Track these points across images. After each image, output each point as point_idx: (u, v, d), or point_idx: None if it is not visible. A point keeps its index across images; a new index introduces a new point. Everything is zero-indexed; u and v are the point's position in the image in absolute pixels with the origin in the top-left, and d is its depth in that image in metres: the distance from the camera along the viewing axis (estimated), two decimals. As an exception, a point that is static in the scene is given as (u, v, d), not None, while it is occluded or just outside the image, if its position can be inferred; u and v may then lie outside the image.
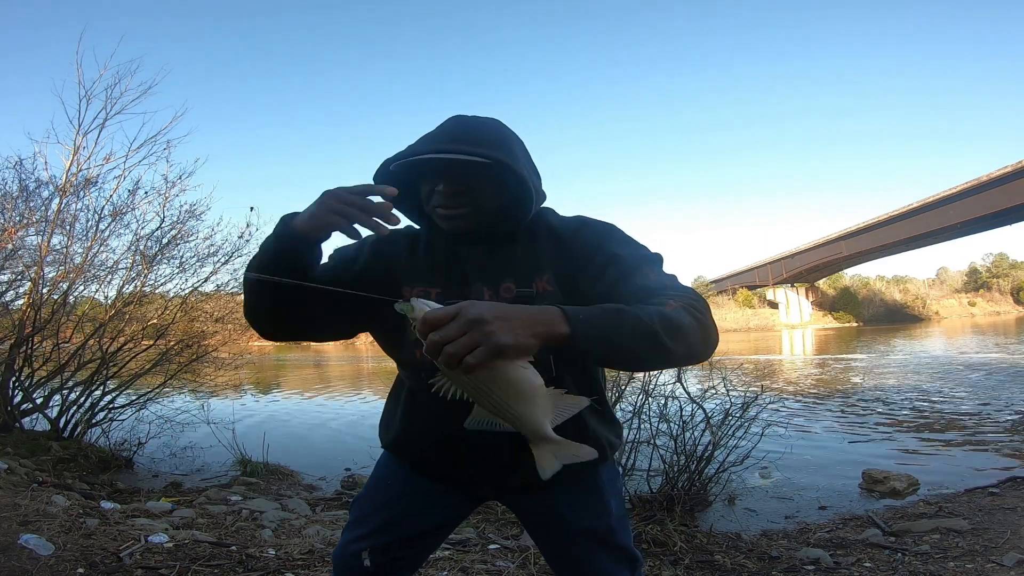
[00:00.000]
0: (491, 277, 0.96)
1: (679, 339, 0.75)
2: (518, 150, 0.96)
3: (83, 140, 5.68)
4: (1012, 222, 30.50)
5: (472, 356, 0.63)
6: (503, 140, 0.94)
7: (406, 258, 1.01)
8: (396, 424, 1.09)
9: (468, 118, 0.97)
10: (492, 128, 0.96)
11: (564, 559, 1.10)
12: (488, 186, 0.93)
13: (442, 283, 0.98)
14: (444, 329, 0.63)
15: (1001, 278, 59.14)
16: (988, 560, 2.52)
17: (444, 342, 0.63)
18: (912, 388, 9.53)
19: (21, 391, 5.47)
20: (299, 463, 5.35)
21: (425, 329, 0.65)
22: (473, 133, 0.93)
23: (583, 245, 0.95)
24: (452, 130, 0.94)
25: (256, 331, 0.98)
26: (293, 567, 2.32)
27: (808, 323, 46.57)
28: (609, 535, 1.06)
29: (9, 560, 2.05)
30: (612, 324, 0.72)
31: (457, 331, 0.63)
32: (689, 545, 2.76)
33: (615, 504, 1.09)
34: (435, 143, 0.91)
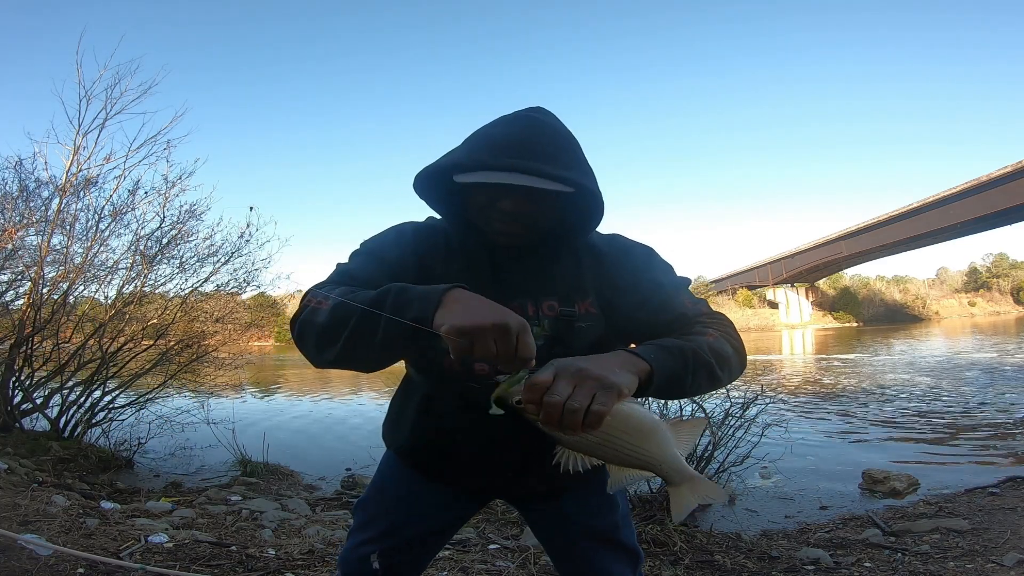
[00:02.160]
0: (534, 293, 0.94)
1: (726, 368, 0.82)
2: (586, 161, 0.91)
3: (83, 140, 5.68)
4: (1012, 222, 30.46)
5: (596, 404, 0.62)
6: (576, 153, 0.89)
7: (443, 263, 0.95)
8: (407, 428, 1.06)
9: (537, 123, 0.89)
10: (562, 138, 0.89)
11: (568, 558, 1.09)
12: (554, 207, 0.89)
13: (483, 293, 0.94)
14: (555, 389, 0.61)
15: (1001, 278, 59.14)
16: (988, 560, 2.52)
17: (563, 399, 0.61)
18: (912, 388, 9.53)
19: (21, 391, 5.46)
20: (299, 463, 5.35)
21: (535, 395, 0.62)
22: (549, 147, 0.85)
23: (628, 272, 0.96)
24: (525, 142, 0.85)
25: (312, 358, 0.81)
26: (293, 567, 2.32)
27: (808, 323, 46.57)
28: (614, 532, 1.07)
29: (9, 560, 2.04)
30: (679, 360, 0.77)
31: (567, 387, 0.62)
32: (689, 545, 2.76)
33: (621, 501, 1.10)
34: (509, 155, 0.83)
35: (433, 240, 0.98)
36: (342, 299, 0.74)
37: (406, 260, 0.94)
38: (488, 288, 0.88)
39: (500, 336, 0.65)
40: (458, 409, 0.96)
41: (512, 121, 0.90)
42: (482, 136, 0.89)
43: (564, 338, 0.91)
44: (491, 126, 0.91)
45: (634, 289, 0.94)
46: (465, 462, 1.02)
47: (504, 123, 0.90)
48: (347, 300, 0.73)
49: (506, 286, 0.93)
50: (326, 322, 0.75)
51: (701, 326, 0.86)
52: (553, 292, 0.94)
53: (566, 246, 0.97)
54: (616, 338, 0.96)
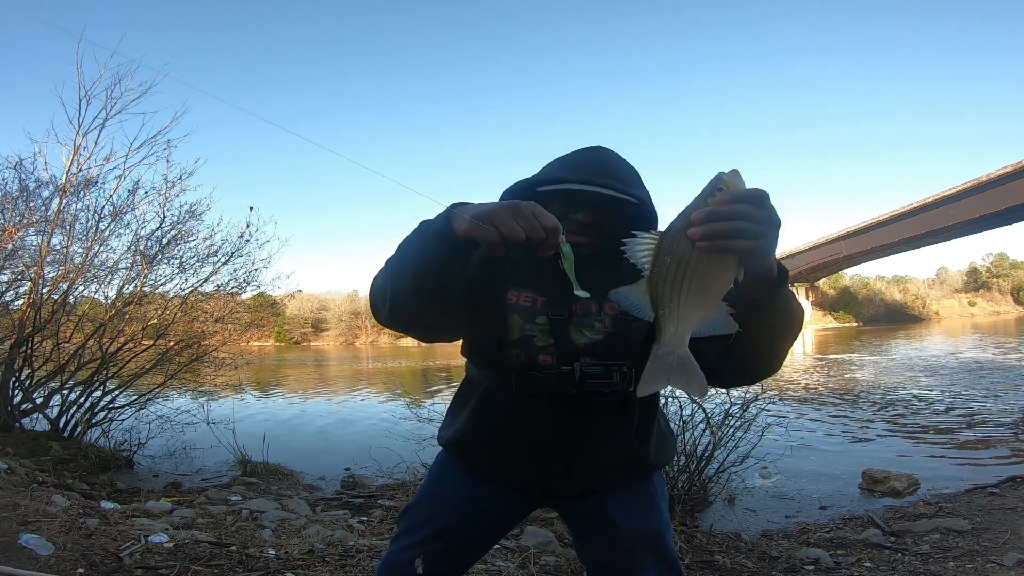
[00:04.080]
0: (597, 294, 0.96)
1: (800, 321, 0.85)
2: (645, 188, 1.04)
3: (83, 140, 5.68)
4: (1012, 222, 30.44)
5: (742, 243, 0.62)
6: (637, 178, 1.03)
7: (512, 260, 1.01)
8: (461, 423, 1.10)
9: (606, 152, 1.04)
10: (627, 165, 1.04)
11: (612, 567, 1.08)
12: (619, 219, 0.99)
13: (548, 292, 1.01)
14: (760, 211, 0.63)
15: (1001, 278, 59.15)
16: (988, 560, 2.52)
17: (742, 217, 0.62)
18: (912, 388, 9.54)
19: (21, 391, 5.47)
20: (299, 463, 5.36)
21: (744, 197, 0.63)
22: (617, 170, 1.00)
23: None
24: (597, 164, 1.00)
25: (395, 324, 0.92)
26: (293, 567, 2.32)
27: (808, 323, 46.54)
28: (659, 540, 1.07)
29: (9, 560, 2.05)
30: (792, 299, 0.82)
31: (762, 219, 0.63)
32: (689, 545, 2.76)
33: (664, 510, 1.12)
34: (584, 172, 0.97)
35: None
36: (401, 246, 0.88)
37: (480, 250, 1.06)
38: (555, 287, 1.00)
39: (516, 215, 0.74)
40: (518, 399, 1.01)
41: (585, 150, 1.05)
42: (560, 160, 1.04)
43: (624, 333, 0.99)
44: (567, 155, 1.05)
45: None
46: (517, 455, 1.05)
47: (578, 152, 1.05)
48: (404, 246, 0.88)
49: (568, 291, 0.98)
50: (394, 259, 0.89)
51: None
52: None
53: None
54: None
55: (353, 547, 2.59)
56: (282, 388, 12.24)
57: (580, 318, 1.00)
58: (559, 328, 0.99)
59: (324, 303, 48.87)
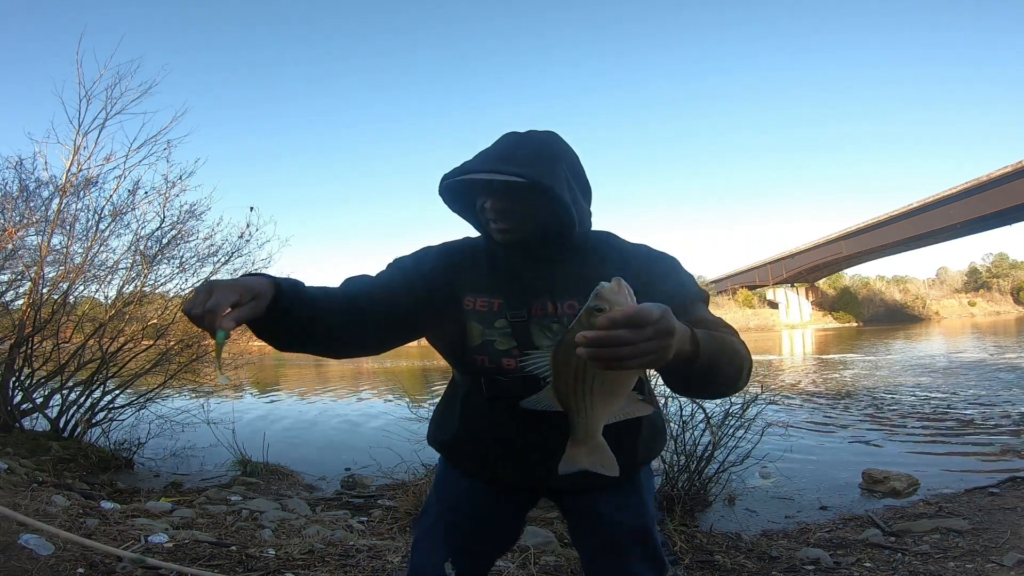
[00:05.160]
0: (557, 293, 0.99)
1: (743, 373, 0.86)
2: (563, 168, 0.97)
3: (83, 140, 5.67)
4: (1012, 222, 30.44)
5: (632, 363, 0.61)
6: (549, 158, 0.96)
7: (469, 268, 1.05)
8: (448, 425, 1.12)
9: (521, 135, 1.00)
10: (541, 145, 0.98)
11: (601, 559, 1.11)
12: (532, 203, 0.95)
13: (505, 294, 1.01)
14: (641, 332, 0.60)
15: (1001, 278, 59.10)
16: (988, 560, 2.53)
17: (625, 342, 0.60)
18: (912, 388, 9.54)
19: (21, 391, 5.47)
20: (299, 463, 5.36)
21: (625, 323, 0.60)
22: (521, 151, 0.95)
23: (655, 276, 0.98)
24: (503, 148, 0.97)
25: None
26: (293, 567, 2.32)
27: (808, 323, 46.54)
28: (645, 533, 1.10)
29: (9, 560, 2.05)
30: (718, 352, 0.78)
31: (648, 337, 0.61)
32: (689, 545, 2.76)
33: (651, 504, 1.14)
34: (484, 162, 0.95)
35: (461, 253, 1.08)
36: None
37: (429, 259, 1.06)
38: (510, 289, 1.01)
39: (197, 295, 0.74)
40: (491, 402, 1.02)
41: (502, 136, 1.01)
42: (483, 150, 1.01)
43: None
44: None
45: (659, 292, 0.93)
46: (499, 456, 1.06)
47: (501, 138, 1.01)
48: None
49: (527, 287, 1.01)
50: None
51: (724, 332, 0.90)
52: (574, 292, 0.98)
53: (587, 248, 1.02)
54: None
55: (353, 547, 2.59)
56: (282, 388, 12.22)
57: (539, 319, 0.99)
58: (520, 331, 0.99)
59: (324, 303, 48.84)
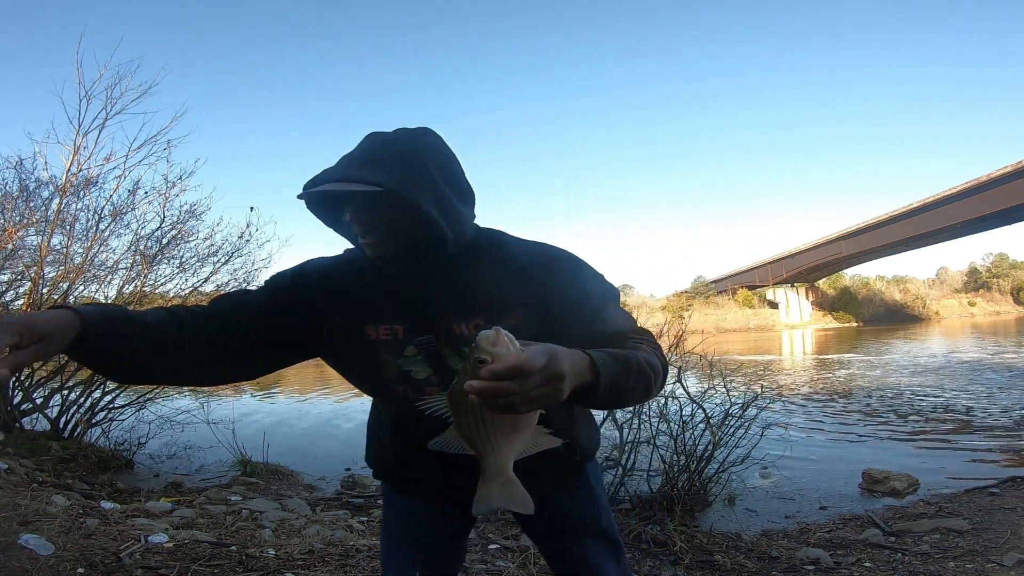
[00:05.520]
0: (459, 313, 0.91)
1: (656, 384, 0.85)
2: (430, 171, 0.86)
3: (83, 140, 5.67)
4: (1012, 222, 30.44)
5: (528, 407, 0.60)
6: (413, 162, 0.85)
7: (359, 291, 0.94)
8: (382, 450, 1.09)
9: (385, 136, 0.89)
10: (406, 147, 0.87)
11: (557, 549, 1.14)
12: (391, 212, 0.84)
13: (406, 319, 0.92)
14: (526, 382, 0.59)
15: (1001, 278, 59.08)
16: (988, 560, 2.53)
17: (511, 393, 0.58)
18: (912, 388, 9.54)
19: (21, 391, 5.46)
20: (299, 463, 5.35)
21: (508, 375, 0.58)
22: (382, 155, 0.85)
23: (554, 280, 0.92)
24: (362, 153, 0.86)
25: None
26: (293, 567, 2.32)
27: (808, 323, 46.52)
28: (599, 520, 1.12)
29: (9, 560, 2.05)
30: (624, 375, 0.77)
31: (536, 384, 0.60)
32: (689, 545, 2.76)
33: (601, 493, 1.16)
34: (341, 169, 0.84)
35: (346, 274, 0.96)
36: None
37: (306, 280, 0.96)
38: (409, 314, 0.92)
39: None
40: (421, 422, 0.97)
41: (368, 138, 0.90)
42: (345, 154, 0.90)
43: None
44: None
45: (562, 301, 0.91)
46: (439, 474, 0.99)
47: (364, 140, 0.90)
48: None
49: (425, 309, 0.91)
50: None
51: (634, 342, 0.88)
52: (477, 310, 0.91)
53: (481, 258, 0.92)
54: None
55: (353, 547, 2.60)
56: (282, 388, 12.22)
57: (449, 343, 0.91)
58: (432, 357, 0.91)
59: (324, 303, 48.86)
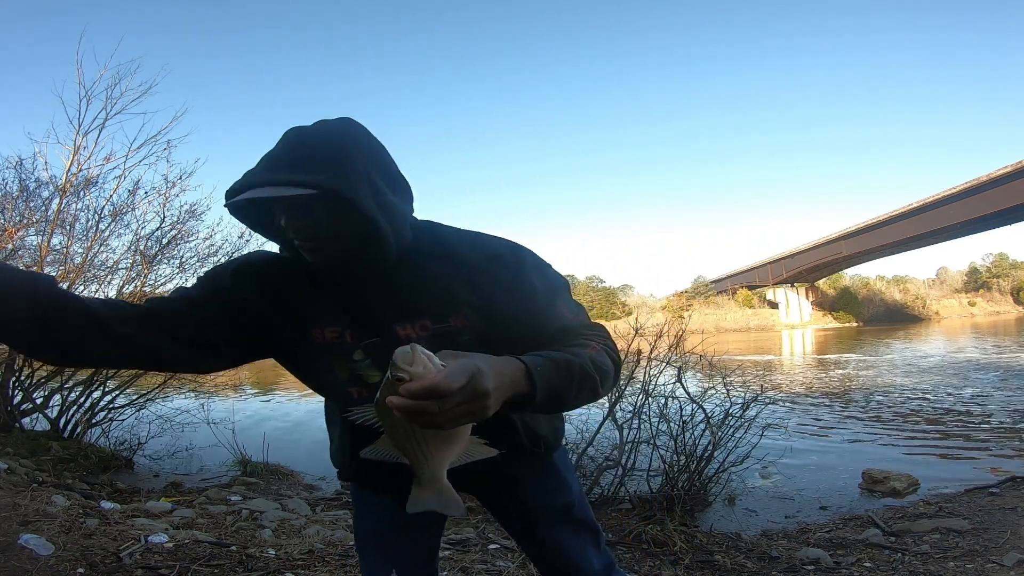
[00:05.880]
0: (405, 315, 0.88)
1: (606, 383, 0.82)
2: (361, 165, 0.81)
3: (83, 140, 5.66)
4: (1012, 222, 30.46)
5: (451, 424, 0.59)
6: (336, 157, 0.79)
7: (306, 290, 0.90)
8: (340, 449, 1.06)
9: (307, 132, 0.83)
10: (332, 141, 0.81)
11: (533, 540, 1.13)
12: (328, 214, 0.80)
13: (352, 324, 0.89)
14: (446, 401, 0.57)
15: (1001, 278, 59.08)
16: (988, 560, 2.53)
17: (430, 412, 0.57)
18: (912, 388, 9.53)
19: (21, 391, 5.47)
20: (299, 463, 5.35)
21: (424, 395, 0.57)
22: (307, 152, 0.79)
23: (498, 279, 0.88)
24: (285, 152, 0.81)
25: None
26: (293, 567, 2.32)
27: (808, 323, 46.53)
28: (569, 509, 1.11)
29: (9, 560, 2.05)
30: (565, 379, 0.74)
31: (456, 403, 0.58)
32: (689, 545, 2.76)
33: (573, 482, 1.14)
34: (264, 171, 0.79)
35: (293, 271, 0.91)
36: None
37: (244, 280, 0.91)
38: (354, 317, 0.89)
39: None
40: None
41: (289, 134, 0.84)
42: (261, 159, 0.84)
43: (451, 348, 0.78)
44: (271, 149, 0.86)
45: (507, 300, 0.88)
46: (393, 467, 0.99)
47: (284, 138, 0.84)
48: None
49: (370, 311, 0.89)
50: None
51: (583, 339, 0.84)
52: (423, 311, 0.88)
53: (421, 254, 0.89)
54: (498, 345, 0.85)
55: (353, 547, 2.59)
56: (282, 388, 12.22)
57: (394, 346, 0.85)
58: (382, 360, 0.84)
59: (324, 303, 48.93)
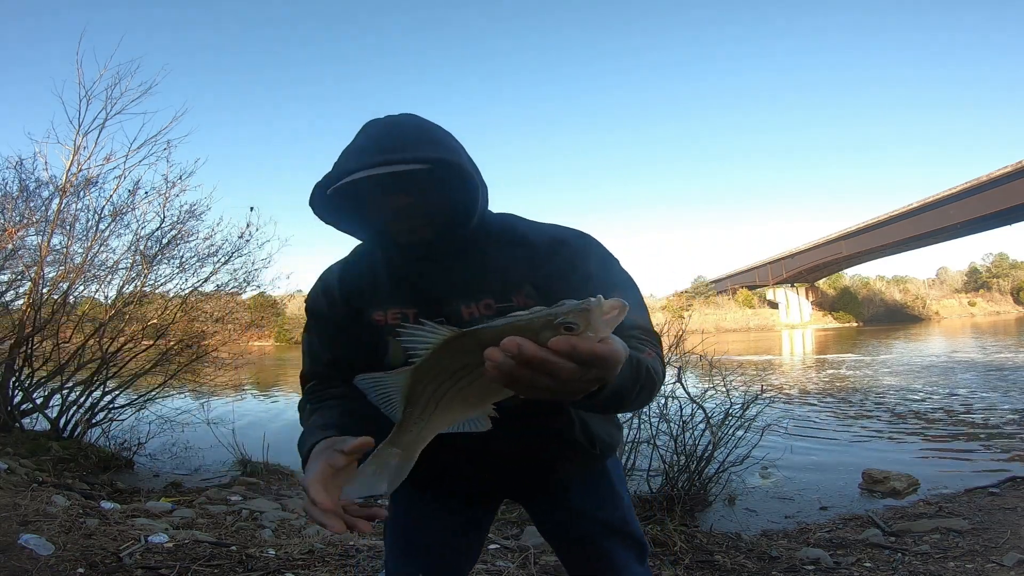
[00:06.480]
0: (468, 293, 0.90)
1: (655, 391, 0.78)
2: (456, 147, 0.88)
3: (83, 140, 5.67)
4: (1012, 222, 30.49)
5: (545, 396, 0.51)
6: (434, 136, 0.87)
7: (370, 282, 0.96)
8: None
9: (391, 120, 0.89)
10: (418, 126, 0.88)
11: (580, 553, 1.09)
12: (432, 191, 0.86)
13: (417, 303, 0.93)
14: (586, 372, 0.50)
15: (1001, 278, 59.11)
16: (988, 560, 2.52)
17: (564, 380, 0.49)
18: (911, 388, 9.53)
19: (21, 391, 5.46)
20: (299, 463, 5.32)
21: (581, 359, 0.48)
22: (401, 137, 0.85)
23: (559, 262, 0.90)
24: (378, 139, 0.86)
25: None
26: (293, 567, 2.32)
27: (808, 323, 46.53)
28: (624, 524, 1.08)
29: (9, 560, 2.05)
30: (631, 379, 0.68)
31: (588, 379, 0.51)
32: (689, 545, 2.76)
33: (625, 494, 1.12)
34: (365, 156, 0.83)
35: (357, 274, 0.99)
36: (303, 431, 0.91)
37: (340, 317, 0.98)
38: (420, 297, 0.93)
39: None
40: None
41: (366, 126, 0.90)
42: (346, 149, 0.89)
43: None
44: (353, 138, 0.91)
45: (566, 282, 0.88)
46: (456, 465, 0.99)
47: (361, 131, 0.90)
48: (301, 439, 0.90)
49: (438, 290, 0.92)
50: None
51: (638, 341, 0.80)
52: (486, 290, 0.90)
53: (489, 237, 0.93)
54: None
55: (353, 547, 2.59)
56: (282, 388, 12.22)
57: (460, 325, 0.88)
58: None
59: (324, 303, 48.92)
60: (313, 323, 1.01)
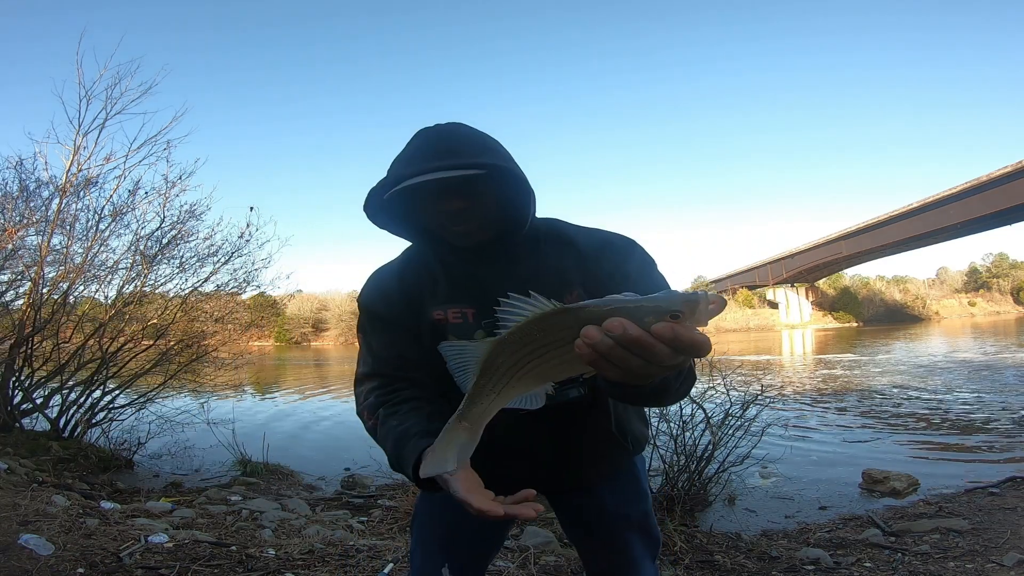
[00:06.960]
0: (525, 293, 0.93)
1: (691, 387, 0.84)
2: (507, 155, 0.93)
3: (83, 140, 5.69)
4: (1012, 222, 30.45)
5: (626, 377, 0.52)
6: (488, 143, 0.92)
7: (428, 282, 1.00)
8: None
9: (442, 129, 0.93)
10: (470, 134, 0.93)
11: (600, 546, 1.13)
12: (487, 195, 0.91)
13: (473, 302, 0.97)
14: (676, 358, 0.51)
15: (1001, 278, 59.09)
16: (988, 560, 2.52)
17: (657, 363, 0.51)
18: (912, 388, 9.54)
19: (21, 391, 5.47)
20: (299, 463, 5.36)
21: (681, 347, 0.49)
22: (457, 144, 0.89)
23: (605, 264, 0.96)
24: (432, 145, 0.90)
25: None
26: (293, 567, 2.32)
27: (808, 323, 46.51)
28: (645, 519, 1.13)
29: (9, 560, 2.05)
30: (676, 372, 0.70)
31: (675, 364, 0.52)
32: (689, 545, 2.76)
33: (648, 492, 1.17)
34: (424, 162, 0.87)
35: (415, 274, 1.02)
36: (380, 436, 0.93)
37: (400, 315, 1.01)
38: (478, 296, 0.96)
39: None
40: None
41: (417, 135, 0.94)
42: (400, 156, 0.93)
43: None
44: (406, 146, 0.95)
45: (611, 283, 0.92)
46: (501, 459, 1.00)
47: (413, 139, 0.94)
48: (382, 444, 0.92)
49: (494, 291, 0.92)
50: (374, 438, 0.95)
51: None
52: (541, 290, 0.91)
53: (542, 239, 0.98)
54: None
55: (353, 547, 2.60)
56: (282, 388, 12.23)
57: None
58: None
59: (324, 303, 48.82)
60: (372, 322, 1.03)
